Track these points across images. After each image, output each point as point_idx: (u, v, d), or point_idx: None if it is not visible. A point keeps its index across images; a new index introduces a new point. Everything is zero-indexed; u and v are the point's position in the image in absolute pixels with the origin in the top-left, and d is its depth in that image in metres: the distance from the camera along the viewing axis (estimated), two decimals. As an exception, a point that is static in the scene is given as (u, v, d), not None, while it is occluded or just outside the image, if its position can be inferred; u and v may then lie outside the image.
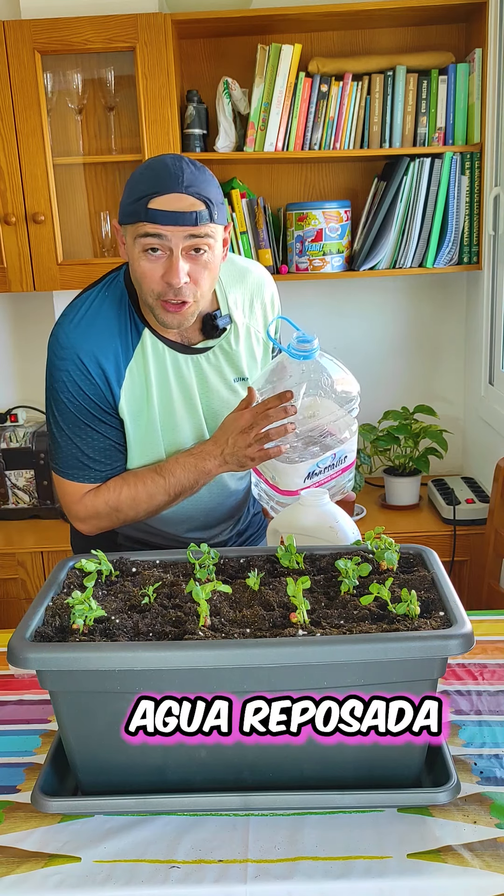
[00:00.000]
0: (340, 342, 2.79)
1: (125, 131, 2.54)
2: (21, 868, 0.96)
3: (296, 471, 1.45)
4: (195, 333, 1.54)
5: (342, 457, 1.50)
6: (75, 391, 1.47)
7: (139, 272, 1.41)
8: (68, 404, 1.48)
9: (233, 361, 1.57)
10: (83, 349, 1.46)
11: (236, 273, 1.60)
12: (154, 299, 1.42)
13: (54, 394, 1.50)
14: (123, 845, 0.99)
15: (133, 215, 1.38)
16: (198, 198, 1.36)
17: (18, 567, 2.51)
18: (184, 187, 1.35)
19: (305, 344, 1.42)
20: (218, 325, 1.53)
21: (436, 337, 2.87)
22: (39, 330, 2.82)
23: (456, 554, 2.47)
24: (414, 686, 1.00)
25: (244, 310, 1.60)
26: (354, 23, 2.51)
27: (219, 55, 2.63)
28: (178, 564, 1.25)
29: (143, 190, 1.36)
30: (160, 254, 1.39)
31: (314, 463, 1.46)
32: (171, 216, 1.35)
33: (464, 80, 2.48)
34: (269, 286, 1.66)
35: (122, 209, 1.41)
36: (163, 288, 1.40)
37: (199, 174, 1.38)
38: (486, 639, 1.42)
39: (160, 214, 1.35)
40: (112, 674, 0.98)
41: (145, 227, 1.36)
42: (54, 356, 1.49)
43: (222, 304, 1.56)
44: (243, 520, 1.75)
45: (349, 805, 1.02)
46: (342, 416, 1.47)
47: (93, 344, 1.46)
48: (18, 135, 2.39)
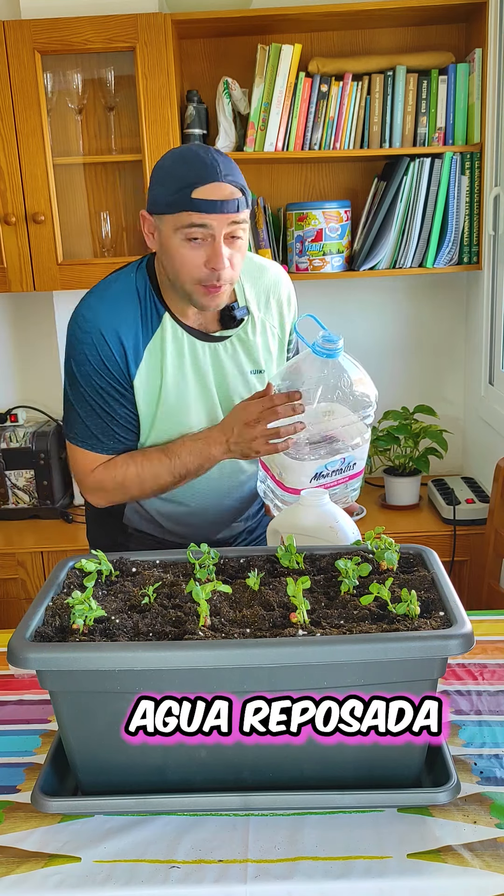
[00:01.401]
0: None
1: (125, 131, 2.54)
2: (21, 868, 0.96)
3: (303, 469, 1.45)
4: (213, 323, 1.57)
5: (351, 463, 1.50)
6: (96, 362, 1.50)
7: (179, 260, 1.44)
8: (87, 375, 1.52)
9: (250, 351, 1.60)
10: (105, 324, 1.50)
11: (254, 269, 1.64)
12: (193, 285, 1.46)
13: (74, 364, 1.53)
14: (123, 845, 0.99)
15: (175, 205, 1.41)
16: (235, 186, 1.42)
17: (18, 567, 2.51)
18: (223, 175, 1.41)
19: (331, 343, 1.43)
20: (235, 316, 1.56)
21: (436, 337, 2.87)
22: (39, 330, 2.82)
23: (456, 554, 2.47)
24: (414, 686, 1.00)
25: (259, 305, 1.63)
26: (354, 23, 2.51)
27: (219, 55, 2.63)
28: (178, 564, 1.25)
29: (183, 179, 1.40)
30: (200, 241, 1.43)
31: (322, 464, 1.46)
32: (216, 205, 1.40)
33: (464, 80, 2.48)
34: (286, 285, 1.69)
35: (157, 199, 1.45)
36: (205, 274, 1.44)
37: (228, 162, 1.44)
38: (486, 639, 1.42)
39: (206, 203, 1.39)
40: (112, 674, 0.98)
41: (191, 216, 1.40)
42: (77, 328, 1.52)
43: (239, 297, 1.60)
44: (253, 516, 1.76)
45: (349, 805, 1.02)
46: (356, 421, 1.47)
47: (115, 320, 1.50)
48: (18, 135, 2.39)
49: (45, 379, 2.86)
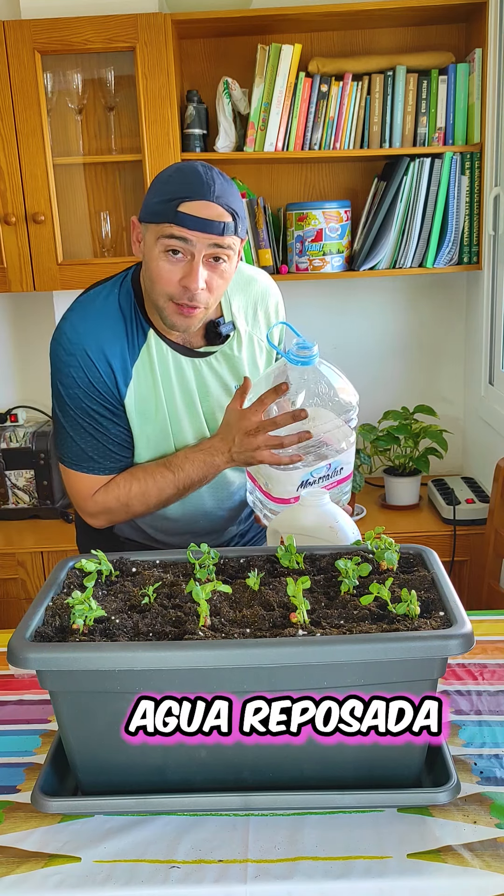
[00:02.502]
0: (340, 342, 2.80)
1: (125, 131, 2.54)
2: (21, 868, 0.96)
3: (289, 478, 1.45)
4: (198, 339, 1.55)
5: (337, 468, 1.49)
6: (84, 384, 1.48)
7: (155, 272, 1.42)
8: (77, 397, 1.49)
9: (234, 367, 1.58)
10: (90, 344, 1.46)
11: (242, 281, 1.61)
12: (165, 300, 1.43)
13: (61, 388, 1.50)
14: (123, 845, 0.99)
15: (160, 215, 1.39)
16: (226, 209, 1.39)
17: (18, 567, 2.51)
18: (214, 196, 1.37)
19: (305, 350, 1.42)
20: (221, 333, 1.54)
21: (436, 337, 2.87)
22: (39, 330, 2.82)
23: (456, 554, 2.47)
24: (414, 686, 1.00)
25: (247, 318, 1.61)
26: (354, 23, 2.51)
27: (219, 55, 2.63)
28: (178, 564, 1.25)
29: (174, 192, 1.38)
30: (180, 257, 1.40)
31: (308, 472, 1.45)
32: (199, 222, 1.37)
33: (464, 80, 2.48)
34: (274, 296, 1.67)
35: (146, 207, 1.43)
36: (177, 291, 1.41)
37: (228, 186, 1.41)
38: (486, 639, 1.42)
39: (189, 219, 1.37)
40: (112, 674, 0.98)
41: (172, 228, 1.38)
42: (61, 350, 1.49)
43: (226, 312, 1.57)
44: (244, 520, 1.75)
45: (349, 805, 1.02)
46: (339, 425, 1.47)
47: (100, 339, 1.47)
48: (18, 135, 2.39)
49: (45, 379, 2.80)
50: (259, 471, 1.50)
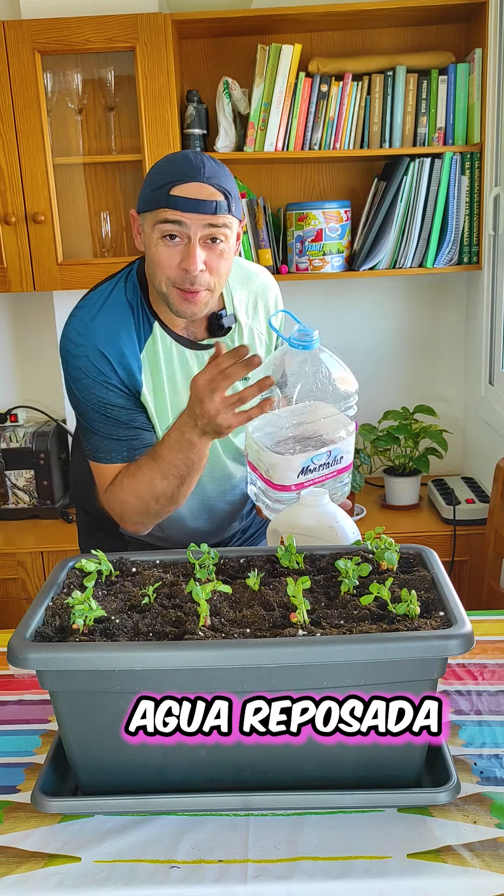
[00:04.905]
0: (340, 342, 2.79)
1: (125, 131, 2.54)
2: (21, 868, 0.96)
3: (290, 464, 1.45)
4: (201, 331, 1.56)
5: (338, 456, 1.50)
6: (101, 379, 1.48)
7: (155, 259, 1.43)
8: (92, 393, 1.49)
9: None
10: (101, 340, 1.47)
11: (243, 275, 1.63)
12: (168, 286, 1.44)
13: (76, 387, 1.50)
14: (123, 845, 0.99)
15: (154, 202, 1.41)
16: (218, 189, 1.40)
17: (18, 567, 2.51)
18: (205, 178, 1.39)
19: (305, 335, 1.43)
20: (223, 325, 1.55)
21: (436, 337, 2.87)
22: (39, 330, 2.83)
23: (456, 554, 2.47)
24: (414, 686, 1.00)
25: (248, 311, 1.62)
26: (354, 23, 2.51)
27: (219, 55, 2.63)
28: (178, 564, 1.25)
29: (165, 178, 1.40)
30: (178, 241, 1.41)
31: (308, 458, 1.46)
32: (191, 203, 1.38)
33: (464, 80, 2.48)
34: (273, 290, 1.69)
35: (142, 198, 1.44)
36: (179, 275, 1.42)
37: (218, 168, 1.42)
38: (486, 639, 1.42)
39: (181, 201, 1.38)
40: (112, 674, 0.98)
41: (166, 213, 1.39)
42: (73, 346, 1.49)
43: (228, 304, 1.59)
44: (246, 516, 1.76)
45: (349, 805, 1.02)
46: (338, 412, 1.48)
47: (110, 334, 1.48)
48: (18, 135, 2.39)
49: (45, 379, 2.86)
50: (259, 458, 1.51)
